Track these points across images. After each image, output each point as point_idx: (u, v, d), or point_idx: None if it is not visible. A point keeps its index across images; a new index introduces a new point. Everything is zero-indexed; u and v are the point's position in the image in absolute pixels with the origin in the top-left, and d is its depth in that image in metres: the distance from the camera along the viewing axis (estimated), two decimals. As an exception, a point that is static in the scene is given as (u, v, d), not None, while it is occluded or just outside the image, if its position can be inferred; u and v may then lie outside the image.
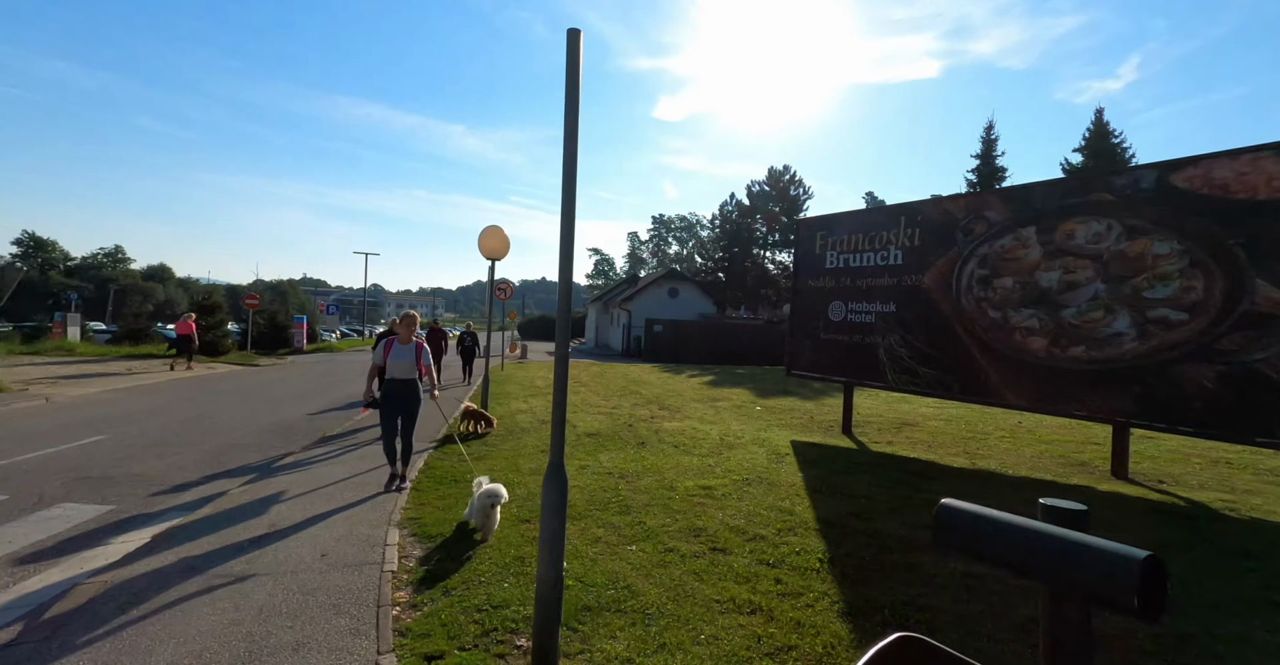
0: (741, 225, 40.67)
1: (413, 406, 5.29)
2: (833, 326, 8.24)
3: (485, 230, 8.40)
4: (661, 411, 10.31)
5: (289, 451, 6.76)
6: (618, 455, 6.67)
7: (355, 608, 2.98)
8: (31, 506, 4.71)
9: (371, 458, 6.36)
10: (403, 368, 5.22)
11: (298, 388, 13.03)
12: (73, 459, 6.19)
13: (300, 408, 10.09)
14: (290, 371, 16.88)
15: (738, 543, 3.85)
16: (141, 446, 6.87)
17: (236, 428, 8.15)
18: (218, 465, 6.17)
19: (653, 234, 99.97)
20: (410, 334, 5.33)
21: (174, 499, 5.03)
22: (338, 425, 8.36)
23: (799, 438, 7.83)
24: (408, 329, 5.33)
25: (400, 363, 5.21)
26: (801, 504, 4.66)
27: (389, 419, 5.19)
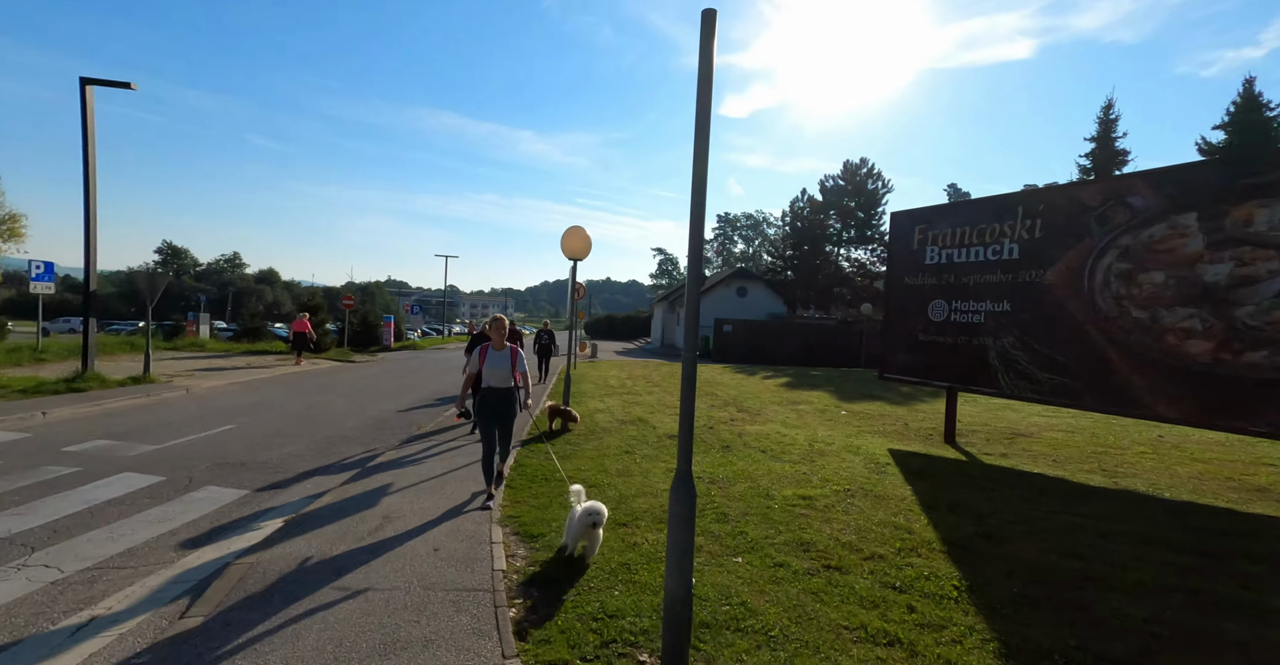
0: (813, 222, 39.06)
1: (509, 417, 4.95)
2: (933, 327, 7.62)
3: (568, 231, 8.49)
4: (741, 414, 10.03)
5: (389, 445, 7.14)
6: (703, 459, 6.51)
7: (474, 606, 3.01)
8: (183, 488, 5.22)
9: (466, 454, 6.59)
10: (499, 376, 4.87)
11: (390, 383, 13.88)
12: (211, 446, 6.86)
13: (394, 402, 10.72)
14: (382, 368, 18.06)
15: (853, 561, 3.57)
16: (264, 436, 7.51)
17: (341, 421, 8.75)
18: (329, 456, 6.61)
19: (718, 233, 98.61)
20: (503, 339, 4.98)
21: (297, 486, 5.42)
22: (429, 421, 8.77)
23: (896, 446, 7.30)
24: (499, 334, 4.95)
25: (497, 370, 4.86)
26: (918, 521, 4.28)
27: (487, 431, 4.90)
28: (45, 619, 2.93)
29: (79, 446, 6.51)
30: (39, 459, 5.91)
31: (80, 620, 2.93)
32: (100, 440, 6.85)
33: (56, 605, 3.07)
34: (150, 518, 4.46)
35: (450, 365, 19.47)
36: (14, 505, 4.56)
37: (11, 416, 7.67)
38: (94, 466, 5.74)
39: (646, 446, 7.16)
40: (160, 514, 4.56)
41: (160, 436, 7.19)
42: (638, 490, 5.22)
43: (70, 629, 2.85)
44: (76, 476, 5.38)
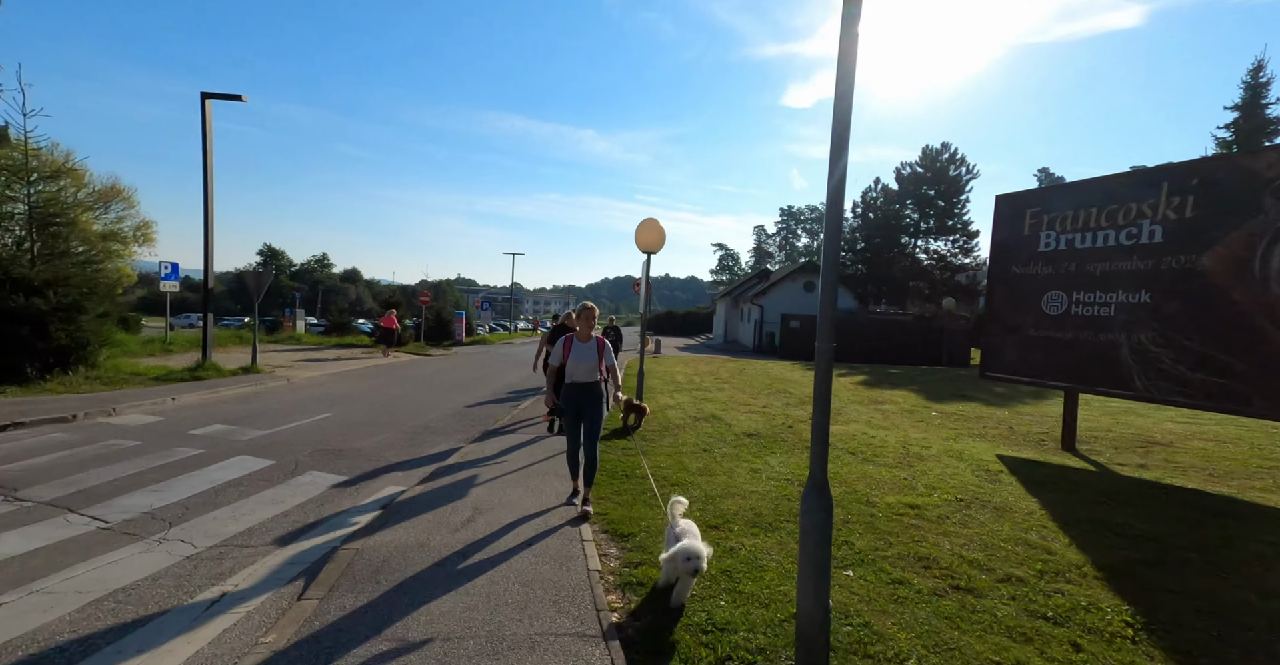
0: (888, 212, 36.88)
1: (596, 413, 4.54)
2: (1048, 321, 6.83)
3: (643, 223, 8.35)
4: (819, 413, 9.53)
5: (470, 437, 7.31)
6: (789, 460, 6.17)
7: (575, 607, 2.91)
8: (290, 472, 5.54)
9: (544, 448, 6.61)
10: (584, 369, 4.51)
11: (465, 376, 14.39)
12: (312, 433, 7.30)
13: (470, 395, 11.06)
14: (456, 361, 18.82)
15: (986, 583, 3.17)
16: (357, 424, 7.92)
17: (424, 412, 9.09)
18: (416, 446, 6.84)
19: (780, 226, 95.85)
20: (590, 330, 4.58)
21: (389, 475, 5.61)
22: (505, 415, 8.94)
23: (1005, 452, 6.62)
24: (587, 324, 4.58)
25: (582, 364, 4.50)
26: (1056, 540, 3.77)
27: (572, 428, 4.63)
28: (184, 592, 3.12)
29: (202, 430, 7.12)
30: (171, 441, 6.50)
31: (213, 595, 3.10)
32: (219, 425, 7.46)
33: (192, 579, 3.27)
34: (264, 499, 4.74)
35: (520, 360, 19.99)
36: (154, 483, 5.00)
37: (149, 401, 8.54)
38: (215, 449, 6.23)
39: (724, 445, 6.91)
40: (272, 496, 4.83)
41: (268, 423, 7.74)
42: (723, 491, 4.99)
43: (205, 603, 3.01)
44: (201, 458, 5.85)
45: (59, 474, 5.12)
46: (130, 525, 4.04)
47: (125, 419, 7.65)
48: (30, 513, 4.18)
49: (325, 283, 65.72)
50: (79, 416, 7.42)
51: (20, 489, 4.68)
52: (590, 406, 4.53)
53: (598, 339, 4.61)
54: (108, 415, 7.75)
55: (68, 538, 3.76)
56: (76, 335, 9.79)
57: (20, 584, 3.12)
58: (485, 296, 73.05)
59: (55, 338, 9.47)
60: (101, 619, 2.82)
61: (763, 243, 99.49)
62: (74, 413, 7.46)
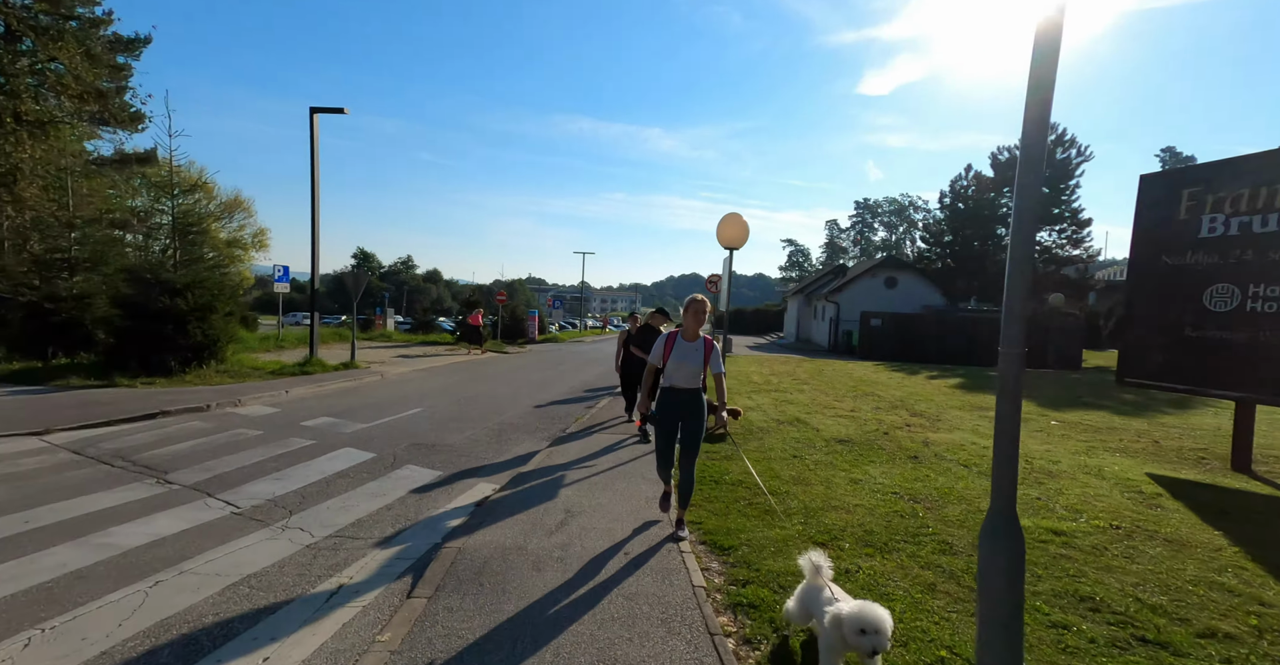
0: (980, 202, 33.87)
1: (696, 426, 3.89)
2: (1212, 320, 5.82)
3: (725, 218, 8.04)
4: (915, 418, 8.78)
5: (552, 435, 7.35)
6: (890, 470, 5.67)
7: (686, 629, 2.72)
8: (389, 466, 5.78)
9: (629, 449, 6.50)
10: (687, 373, 3.84)
11: (541, 374, 14.70)
12: (406, 427, 7.64)
13: (548, 392, 11.23)
14: (531, 359, 19.33)
15: (1181, 636, 2.63)
16: (445, 419, 8.21)
17: (505, 409, 9.30)
18: (501, 443, 6.95)
19: (855, 220, 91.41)
20: (699, 326, 3.84)
21: (480, 472, 5.71)
22: (584, 414, 8.96)
23: (1158, 470, 5.72)
24: (695, 320, 3.82)
25: (684, 367, 3.82)
26: (1268, 588, 3.11)
27: (666, 440, 3.97)
28: (306, 581, 3.25)
29: (312, 422, 7.65)
30: (287, 431, 7.02)
31: (331, 587, 3.19)
32: (325, 417, 7.99)
33: (312, 569, 3.41)
34: (369, 492, 4.94)
35: (592, 358, 20.23)
36: (274, 471, 5.37)
37: (267, 394, 9.35)
38: (323, 440, 6.64)
39: (814, 451, 6.48)
40: (375, 489, 5.03)
41: (367, 416, 8.20)
42: (823, 502, 4.62)
43: (325, 594, 3.11)
44: (312, 449, 6.25)
45: (197, 459, 5.63)
46: (257, 511, 4.33)
47: (249, 410, 8.39)
48: (177, 495, 4.59)
49: (409, 283, 70.41)
50: (211, 406, 8.23)
51: (169, 472, 5.17)
52: (691, 417, 3.90)
53: (705, 339, 3.88)
54: (234, 406, 8.54)
55: (207, 521, 4.07)
56: (209, 333, 10.93)
57: (172, 563, 3.38)
58: (552, 295, 75.15)
59: (192, 335, 10.61)
60: (238, 603, 2.97)
61: (835, 238, 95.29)
62: (207, 403, 8.27)
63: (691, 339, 3.91)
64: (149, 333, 10.18)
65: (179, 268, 11.11)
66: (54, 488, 4.66)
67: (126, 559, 3.41)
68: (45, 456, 5.59)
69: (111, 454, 5.73)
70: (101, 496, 4.49)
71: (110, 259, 12.16)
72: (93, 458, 5.59)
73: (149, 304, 10.20)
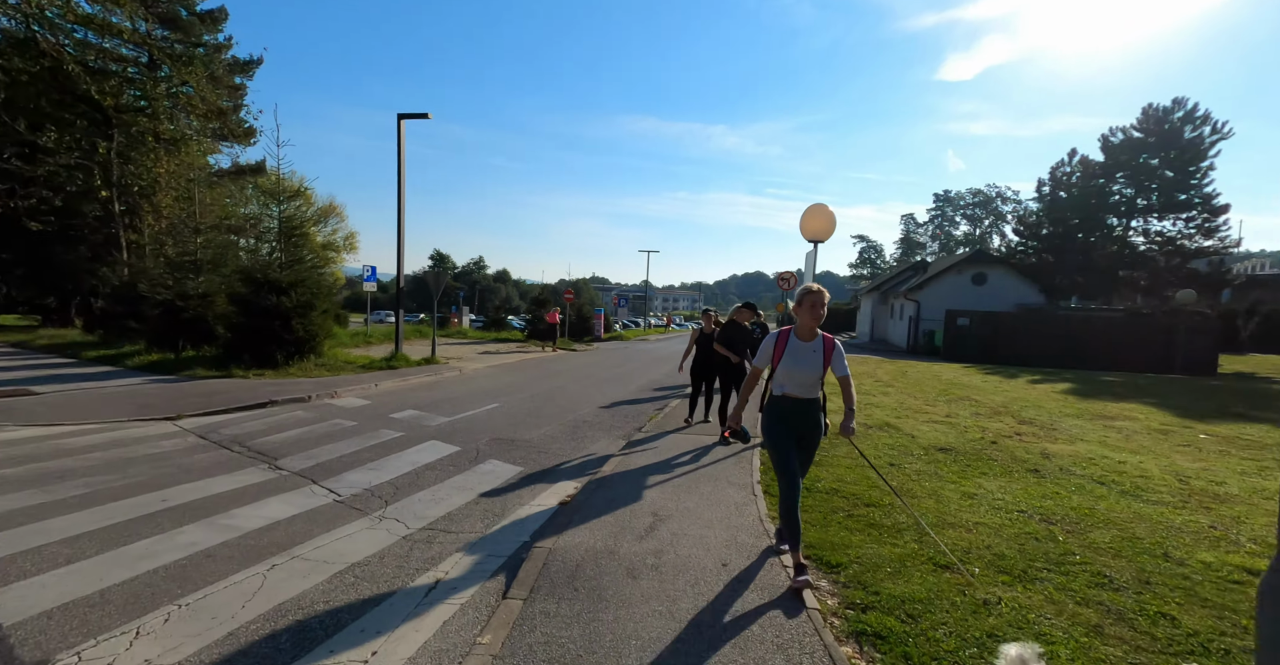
0: (1087, 189, 30.49)
1: (813, 442, 3.33)
2: None
3: (810, 209, 7.58)
4: (1025, 427, 7.92)
5: (627, 434, 7.23)
6: (1007, 484, 5.07)
7: (807, 659, 2.45)
8: (473, 460, 5.87)
9: (708, 451, 6.26)
10: (804, 379, 3.22)
11: (610, 372, 14.73)
12: (486, 421, 7.80)
13: (619, 390, 11.18)
14: (598, 357, 19.49)
15: None
16: (523, 415, 8.32)
17: (578, 406, 9.32)
18: (577, 440, 6.92)
19: (934, 214, 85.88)
20: (816, 323, 3.22)
21: (560, 469, 5.67)
22: (657, 412, 8.80)
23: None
24: (813, 314, 3.20)
25: (800, 371, 3.21)
26: None
27: (782, 457, 3.22)
28: (405, 573, 3.28)
29: (400, 414, 7.99)
30: (377, 423, 7.36)
31: (429, 581, 3.20)
32: (411, 410, 8.33)
33: (409, 561, 3.44)
34: (456, 485, 5.01)
35: (658, 356, 20.12)
36: (369, 461, 5.60)
37: (359, 387, 9.93)
38: (411, 433, 6.89)
39: (912, 459, 5.95)
40: (462, 482, 5.11)
41: (449, 410, 8.48)
42: (936, 517, 4.17)
43: (424, 589, 3.11)
44: (401, 441, 6.48)
45: (302, 447, 5.99)
46: (356, 500, 4.49)
47: (344, 401, 8.92)
48: (286, 481, 4.87)
49: (481, 283, 73.70)
50: (312, 398, 8.81)
51: (278, 459, 5.52)
52: (810, 433, 3.29)
53: (825, 337, 3.29)
54: (331, 397, 9.11)
55: (313, 508, 4.26)
56: (309, 329, 11.79)
57: (285, 548, 3.53)
58: (619, 294, 75.98)
59: (295, 330, 11.48)
60: (344, 592, 3.03)
61: (912, 233, 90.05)
62: (308, 394, 8.88)
63: (808, 338, 3.28)
64: (259, 328, 11.13)
65: (284, 268, 12.07)
66: (185, 469, 5.09)
67: (246, 541, 3.61)
68: (178, 440, 6.15)
69: (230, 439, 6.22)
70: (224, 479, 4.84)
71: (228, 261, 13.45)
72: (215, 442, 6.08)
73: (259, 302, 11.14)
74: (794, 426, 3.28)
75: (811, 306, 3.25)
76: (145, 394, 8.62)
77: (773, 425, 3.32)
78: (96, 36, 16.55)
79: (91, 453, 5.47)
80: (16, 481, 4.57)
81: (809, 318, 3.25)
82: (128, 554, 3.34)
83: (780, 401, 3.32)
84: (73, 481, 4.60)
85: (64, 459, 5.22)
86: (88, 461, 5.18)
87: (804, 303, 3.29)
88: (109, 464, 5.13)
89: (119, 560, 3.25)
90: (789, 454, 3.24)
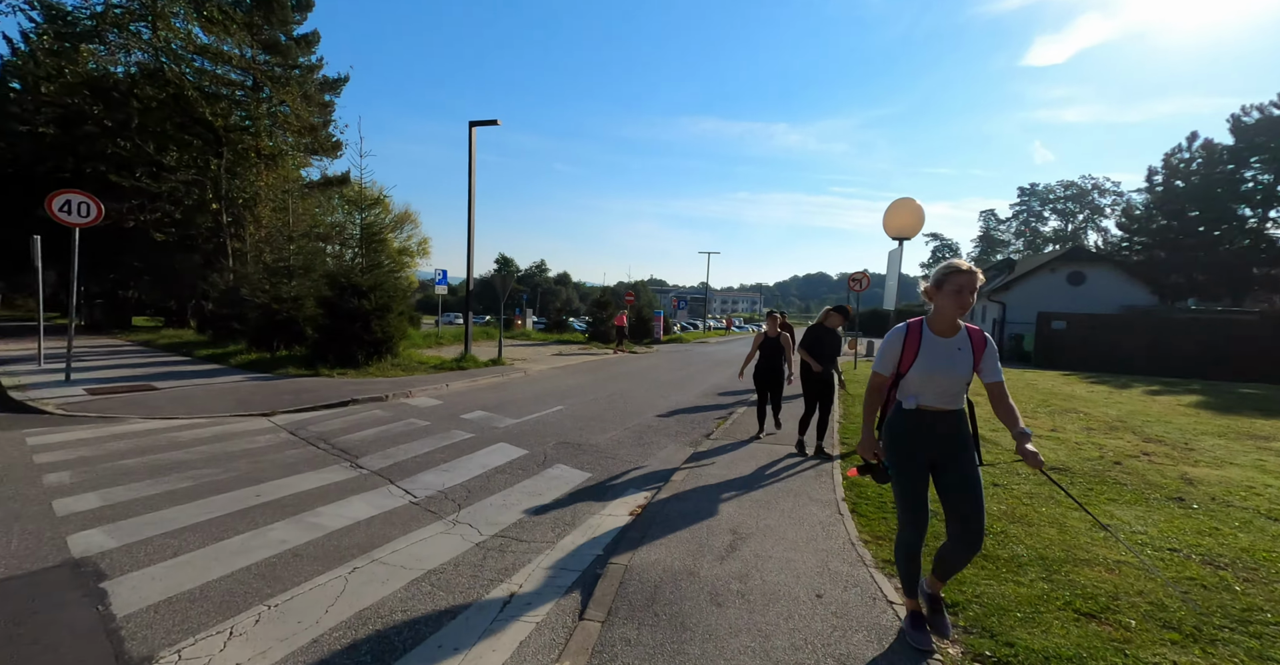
0: (1211, 178, 26.95)
1: (967, 466, 2.52)
2: None
3: (895, 204, 7.02)
4: (1153, 445, 6.93)
5: (693, 441, 6.96)
6: (1146, 514, 4.37)
7: (933, 720, 2.10)
8: (541, 464, 5.81)
9: (784, 463, 5.88)
10: (947, 386, 2.51)
11: (671, 375, 14.48)
12: (551, 424, 7.78)
13: (683, 393, 10.91)
14: (659, 359, 19.30)
15: None
16: (587, 418, 8.24)
17: (643, 410, 9.13)
18: (644, 446, 6.71)
19: (1019, 209, 79.64)
20: (962, 312, 2.48)
21: (628, 477, 5.49)
22: (726, 418, 8.46)
23: None
24: (958, 302, 2.46)
25: (942, 374, 2.49)
26: None
27: (914, 489, 2.56)
28: (479, 585, 3.19)
29: (470, 415, 8.13)
30: (449, 423, 7.51)
31: (503, 595, 3.09)
32: (480, 411, 8.46)
33: (483, 571, 3.36)
34: (526, 490, 4.95)
35: (720, 359, 19.67)
36: (442, 462, 5.67)
37: (431, 387, 10.26)
38: (481, 434, 6.96)
39: (1019, 479, 5.31)
40: (531, 487, 5.03)
41: (516, 411, 8.54)
42: (1063, 553, 3.61)
43: (499, 603, 3.00)
44: (472, 442, 6.55)
45: (380, 446, 6.17)
46: (431, 503, 4.50)
47: (418, 401, 9.22)
48: (366, 480, 4.99)
49: (542, 286, 75.71)
50: (389, 397, 9.18)
51: (359, 457, 5.70)
52: (955, 454, 2.53)
53: (972, 331, 2.56)
54: (406, 397, 9.45)
55: (390, 509, 4.31)
56: (386, 330, 12.37)
57: (365, 550, 3.55)
58: (675, 295, 75.65)
59: (374, 331, 12.09)
60: (421, 602, 2.97)
61: (992, 230, 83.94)
62: (385, 393, 9.25)
63: (949, 332, 2.53)
64: (342, 329, 11.80)
65: (364, 273, 12.76)
66: (277, 465, 5.34)
67: (330, 541, 3.67)
68: (271, 435, 6.52)
69: (316, 436, 6.52)
70: (310, 476, 5.03)
71: (316, 266, 14.41)
72: (303, 439, 6.39)
73: (342, 304, 11.82)
74: (928, 448, 2.55)
75: (957, 292, 2.45)
76: (245, 391, 9.30)
77: (900, 448, 2.59)
78: (211, 64, 18.36)
79: (198, 446, 5.88)
80: (136, 472, 4.96)
81: (953, 306, 2.47)
82: (225, 549, 3.47)
83: (910, 416, 2.58)
84: (181, 473, 4.93)
85: (175, 451, 5.64)
86: (194, 454, 5.57)
87: (946, 286, 2.47)
88: (212, 457, 5.49)
89: (217, 555, 3.38)
90: (921, 486, 2.56)
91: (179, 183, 18.17)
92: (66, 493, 4.35)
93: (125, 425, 6.75)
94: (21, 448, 5.60)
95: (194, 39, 17.41)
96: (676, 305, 33.25)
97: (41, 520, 3.82)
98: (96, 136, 17.06)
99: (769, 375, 6.90)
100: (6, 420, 6.80)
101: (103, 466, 5.06)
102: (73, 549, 3.39)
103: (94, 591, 2.92)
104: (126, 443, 5.91)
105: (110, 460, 5.26)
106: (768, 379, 6.92)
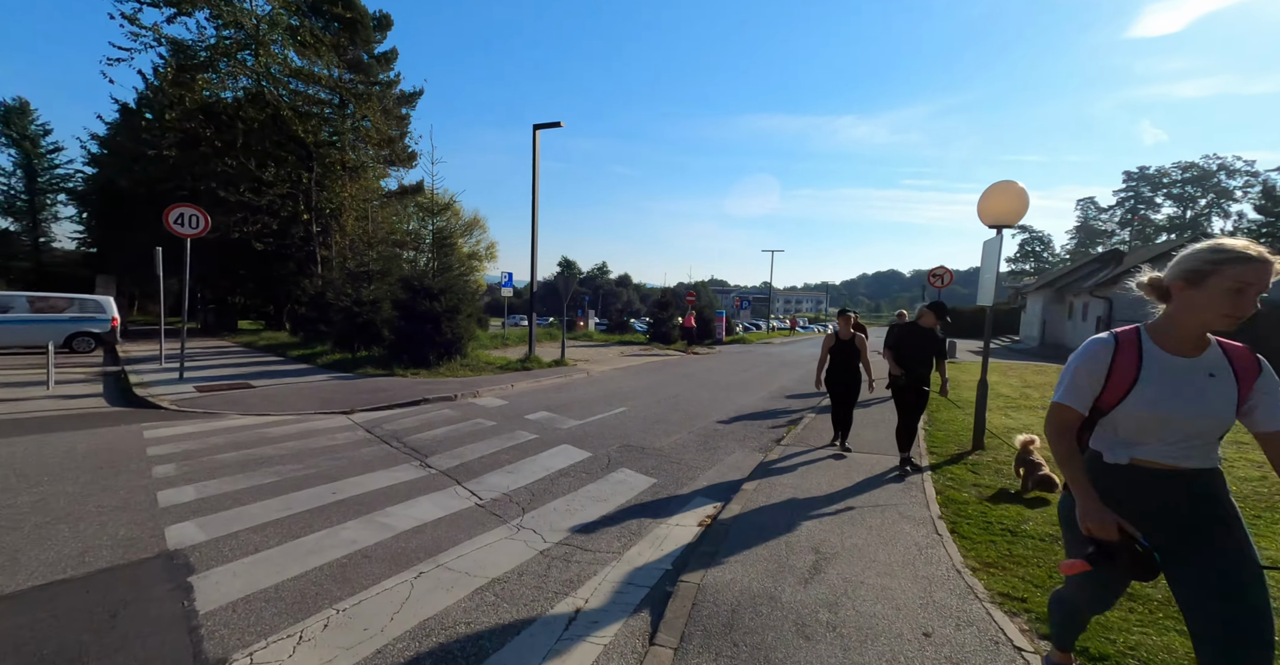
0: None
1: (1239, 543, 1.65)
2: None
3: (993, 188, 6.27)
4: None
5: (762, 447, 6.56)
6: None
7: None
8: (604, 467, 5.65)
9: (865, 474, 5.37)
10: (1189, 431, 1.68)
11: (735, 376, 14.00)
12: (614, 426, 7.62)
13: (748, 396, 10.46)
14: (721, 360, 18.81)
15: None
16: (651, 421, 8.02)
17: (707, 412, 8.79)
18: (710, 451, 6.39)
19: (1125, 196, 71.87)
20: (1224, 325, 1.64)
21: (695, 484, 5.20)
22: (797, 422, 7.97)
23: None
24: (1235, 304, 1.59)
25: (1187, 414, 1.67)
26: None
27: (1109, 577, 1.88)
28: (544, 597, 3.03)
29: (533, 416, 8.15)
30: (514, 424, 7.54)
31: (569, 610, 2.91)
32: (544, 412, 8.47)
33: (548, 582, 3.20)
34: (590, 495, 4.78)
35: (785, 360, 18.91)
36: (507, 463, 5.64)
37: (498, 387, 10.45)
38: (544, 435, 6.92)
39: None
40: (596, 492, 4.86)
41: (579, 413, 8.47)
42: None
43: (564, 619, 2.82)
44: (536, 443, 6.50)
45: (448, 446, 6.25)
46: (495, 505, 4.44)
47: (484, 401, 9.39)
48: (434, 480, 5.03)
49: (604, 287, 76.82)
50: (458, 397, 9.41)
51: (428, 457, 5.79)
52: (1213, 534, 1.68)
53: (1232, 349, 1.73)
54: (474, 397, 9.66)
55: (457, 511, 4.28)
56: (456, 331, 12.79)
57: (431, 554, 3.51)
58: (737, 295, 74.33)
59: (445, 333, 12.52)
60: (485, 613, 2.85)
61: (1091, 220, 76.26)
62: (454, 393, 9.49)
63: (1192, 350, 1.72)
64: (416, 331, 12.31)
65: (435, 276, 13.27)
66: (353, 462, 5.52)
67: (397, 543, 3.66)
68: (349, 433, 6.80)
69: (390, 435, 6.73)
70: (383, 474, 5.13)
71: (393, 271, 15.20)
72: (378, 437, 6.61)
73: (416, 307, 12.34)
74: (1145, 528, 1.67)
75: (1237, 291, 1.58)
76: (328, 389, 9.87)
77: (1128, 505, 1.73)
78: (303, 85, 19.93)
79: (285, 442, 6.20)
80: (229, 466, 5.27)
81: (1218, 313, 1.62)
82: (300, 548, 3.53)
83: (1124, 475, 1.76)
84: (268, 469, 5.18)
85: (264, 447, 5.97)
86: (281, 450, 5.87)
87: (1216, 278, 1.60)
88: (296, 453, 5.75)
89: (293, 553, 3.44)
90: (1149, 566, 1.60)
91: (276, 196, 19.84)
92: (169, 484, 4.67)
93: (224, 421, 7.29)
94: (139, 440, 6.14)
95: (289, 63, 18.95)
96: (739, 305, 32.48)
97: (147, 510, 4.09)
98: (209, 157, 18.95)
99: (846, 380, 6.33)
100: (132, 414, 7.54)
101: (202, 460, 5.42)
102: (169, 541, 3.57)
103: (182, 586, 3.02)
104: (224, 438, 6.34)
105: (209, 454, 5.64)
106: (844, 385, 6.35)
